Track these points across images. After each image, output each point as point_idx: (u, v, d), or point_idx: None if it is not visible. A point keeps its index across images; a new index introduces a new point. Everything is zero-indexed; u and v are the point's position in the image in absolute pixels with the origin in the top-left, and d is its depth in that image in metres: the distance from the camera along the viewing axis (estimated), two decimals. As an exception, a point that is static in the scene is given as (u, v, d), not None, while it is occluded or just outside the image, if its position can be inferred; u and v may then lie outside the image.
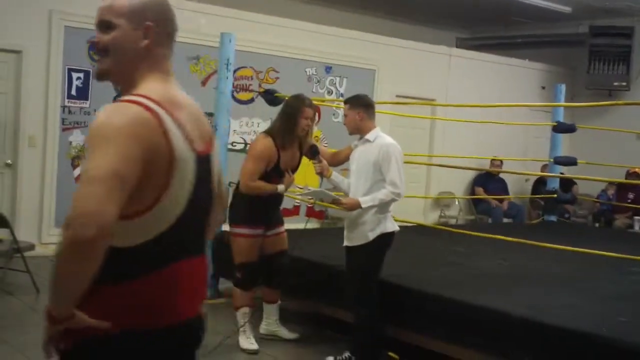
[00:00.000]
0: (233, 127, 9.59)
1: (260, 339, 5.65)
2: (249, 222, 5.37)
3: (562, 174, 10.54)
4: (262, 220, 5.43)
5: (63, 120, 8.69)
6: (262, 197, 5.33)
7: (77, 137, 8.78)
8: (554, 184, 9.97)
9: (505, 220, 11.75)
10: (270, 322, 5.76)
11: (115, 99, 2.11)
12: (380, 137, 5.05)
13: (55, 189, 8.68)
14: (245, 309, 5.49)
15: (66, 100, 8.69)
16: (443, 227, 8.24)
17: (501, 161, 11.73)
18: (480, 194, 11.95)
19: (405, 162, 8.59)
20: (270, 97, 6.65)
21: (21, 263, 6.71)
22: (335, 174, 5.22)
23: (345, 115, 5.11)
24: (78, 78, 8.75)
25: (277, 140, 5.28)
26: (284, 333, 5.78)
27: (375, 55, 11.11)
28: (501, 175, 11.96)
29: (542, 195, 10.35)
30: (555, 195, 9.91)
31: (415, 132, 11.55)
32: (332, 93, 10.76)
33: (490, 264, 6.46)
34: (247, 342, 5.45)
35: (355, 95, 5.30)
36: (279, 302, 5.82)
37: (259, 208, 5.37)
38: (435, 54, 11.94)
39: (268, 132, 5.40)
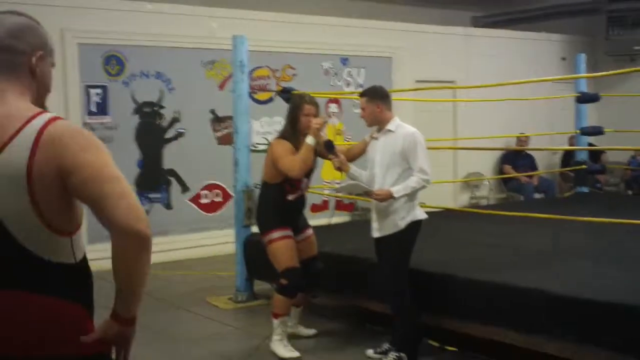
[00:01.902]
0: (255, 128, 9.59)
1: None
2: (277, 224, 5.32)
3: (590, 144, 10.41)
4: (288, 222, 5.38)
5: (86, 138, 8.71)
6: (284, 202, 5.31)
7: (100, 153, 8.80)
8: (583, 155, 9.84)
9: (537, 195, 11.63)
10: (292, 325, 5.67)
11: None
12: (402, 126, 5.03)
13: (85, 206, 8.69)
14: (285, 318, 5.41)
15: (87, 117, 8.72)
16: (470, 209, 8.15)
17: (527, 137, 11.58)
18: (509, 171, 11.83)
19: (431, 148, 8.60)
20: (287, 96, 6.61)
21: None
22: (354, 168, 5.19)
23: (362, 109, 5.07)
24: (96, 94, 8.78)
25: (291, 143, 5.26)
26: (302, 331, 5.77)
27: (390, 43, 11.02)
28: (529, 151, 11.82)
29: (572, 168, 10.22)
30: (584, 167, 9.77)
31: (438, 115, 11.46)
32: (350, 85, 10.69)
33: (525, 242, 6.37)
34: (286, 350, 5.32)
35: (371, 87, 5.25)
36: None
37: (283, 210, 5.34)
38: (451, 35, 11.84)
39: (282, 137, 5.38)
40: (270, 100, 9.92)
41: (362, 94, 5.13)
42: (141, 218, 1.97)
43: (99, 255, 8.92)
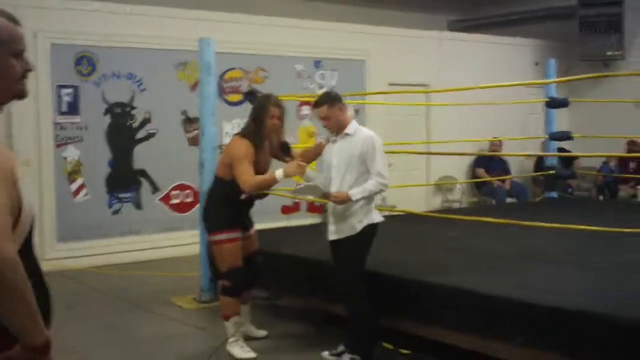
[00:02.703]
0: (226, 130, 9.65)
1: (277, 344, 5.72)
2: (228, 226, 5.33)
3: (563, 149, 10.51)
4: (238, 221, 5.40)
5: (56, 137, 8.73)
6: (236, 200, 5.29)
7: (71, 153, 8.83)
8: (553, 160, 9.93)
9: (509, 200, 11.72)
10: (243, 323, 5.67)
11: None
12: (360, 129, 5.08)
13: (55, 205, 8.73)
14: (237, 318, 5.44)
15: (57, 116, 8.74)
16: (432, 214, 8.19)
17: (500, 141, 11.67)
18: (482, 175, 11.91)
19: (403, 152, 8.68)
20: (252, 98, 6.65)
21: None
22: (309, 171, 5.22)
23: (325, 118, 5.01)
24: (67, 94, 8.80)
25: (251, 141, 5.25)
26: (254, 331, 5.79)
27: (364, 46, 11.09)
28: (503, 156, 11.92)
29: (542, 173, 10.32)
30: (553, 172, 9.87)
31: (410, 119, 11.54)
32: (322, 87, 10.73)
33: (486, 247, 6.44)
34: (243, 351, 5.35)
35: (325, 93, 5.27)
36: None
37: (234, 211, 5.35)
38: (424, 39, 11.91)
39: (242, 134, 5.38)
40: (242, 102, 9.94)
41: (319, 103, 5.05)
42: None
43: (67, 254, 9.01)
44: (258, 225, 5.88)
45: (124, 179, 9.23)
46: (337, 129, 5.07)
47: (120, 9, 9.10)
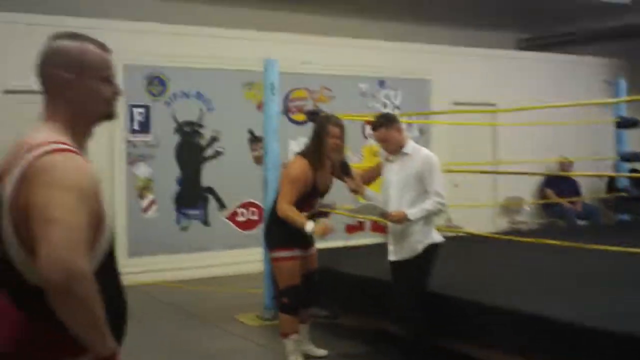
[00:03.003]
0: (292, 148, 9.75)
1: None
2: (287, 244, 5.39)
3: (635, 170, 10.27)
4: (297, 240, 5.41)
5: (128, 155, 9.01)
6: None
7: (142, 170, 9.08)
8: (625, 182, 9.71)
9: (580, 222, 11.45)
10: (302, 342, 5.74)
11: None
12: (417, 149, 5.10)
13: (126, 221, 8.98)
14: (295, 336, 5.51)
15: (130, 135, 9.02)
16: (496, 235, 8.11)
17: (571, 161, 11.46)
18: (551, 196, 11.70)
19: (469, 172, 8.63)
20: (314, 118, 6.74)
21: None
22: (369, 190, 5.27)
23: (383, 140, 5.05)
24: (139, 113, 9.07)
25: (310, 161, 5.34)
26: (314, 350, 5.81)
27: (429, 65, 11.10)
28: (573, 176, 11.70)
29: (613, 195, 10.09)
30: (625, 194, 9.66)
31: (476, 138, 11.45)
32: (387, 107, 10.79)
33: (552, 269, 6.32)
34: None
35: (382, 115, 5.30)
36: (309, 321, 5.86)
37: (293, 229, 5.33)
38: (491, 57, 11.84)
39: (302, 154, 5.47)
40: (307, 121, 10.07)
41: (377, 126, 5.08)
42: (50, 263, 1.86)
43: (137, 269, 9.26)
44: (322, 244, 5.97)
45: (192, 196, 9.45)
46: (395, 149, 5.09)
47: (189, 31, 9.36)
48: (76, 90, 2.11)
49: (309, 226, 5.16)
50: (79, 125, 2.15)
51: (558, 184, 11.83)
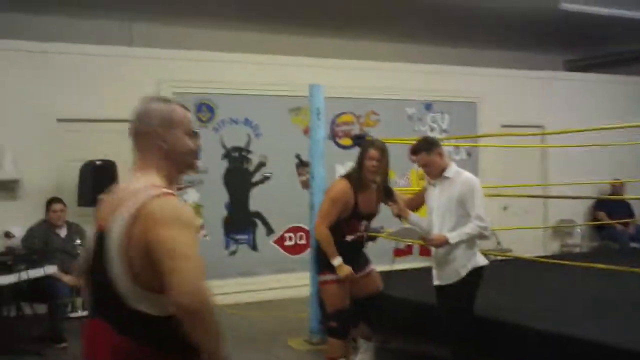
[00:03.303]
0: (339, 172, 9.81)
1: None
2: (332, 267, 5.39)
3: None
4: (345, 262, 5.36)
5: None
6: (342, 241, 5.39)
7: (191, 196, 9.23)
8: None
9: (633, 244, 11.24)
10: (365, 358, 5.76)
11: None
12: (459, 172, 5.09)
13: (175, 246, 9.10)
14: None
15: (179, 161, 9.17)
16: (545, 259, 8.04)
17: (622, 183, 11.31)
18: (603, 218, 11.51)
19: (518, 196, 8.57)
20: (360, 142, 6.85)
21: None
22: (413, 215, 5.28)
23: (425, 165, 5.07)
24: (189, 139, 9.22)
25: (352, 183, 5.39)
26: None
27: (476, 88, 11.10)
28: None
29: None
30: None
31: (525, 160, 11.38)
32: (434, 130, 10.81)
33: (604, 294, 6.24)
34: None
35: (423, 140, 5.23)
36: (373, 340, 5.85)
37: (340, 250, 5.34)
38: (538, 79, 11.79)
39: (345, 176, 5.53)
40: (354, 145, 10.16)
41: (417, 151, 5.09)
42: (185, 292, 2.18)
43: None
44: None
45: (241, 221, 9.57)
46: (437, 174, 5.09)
47: (236, 58, 9.53)
48: (168, 142, 2.47)
49: (336, 261, 5.25)
50: (170, 173, 2.48)
51: (610, 206, 11.65)
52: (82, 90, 8.66)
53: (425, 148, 5.07)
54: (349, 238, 5.44)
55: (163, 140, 2.46)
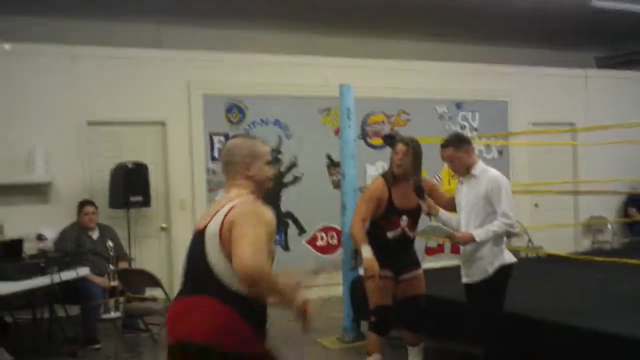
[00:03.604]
0: (370, 172, 9.82)
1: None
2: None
3: None
4: (387, 263, 5.42)
5: (208, 182, 9.21)
6: (385, 239, 5.45)
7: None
8: None
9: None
10: None
11: None
12: (486, 170, 5.05)
13: (207, 247, 9.13)
14: (378, 356, 5.55)
15: (210, 162, 9.22)
16: (575, 256, 7.96)
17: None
18: (635, 214, 11.43)
19: (549, 192, 8.50)
20: (393, 141, 6.79)
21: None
22: (443, 212, 5.26)
23: (450, 160, 5.07)
24: (219, 141, 9.27)
25: (385, 179, 5.50)
26: None
27: (506, 86, 11.05)
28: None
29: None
30: None
31: (555, 158, 11.29)
32: (465, 129, 10.75)
33: (631, 290, 6.17)
34: None
35: (453, 135, 5.31)
36: (421, 344, 5.80)
37: (380, 250, 5.38)
38: (569, 77, 11.69)
39: (381, 174, 5.65)
40: (384, 145, 10.12)
41: (446, 145, 5.09)
42: (245, 264, 2.90)
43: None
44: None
45: (272, 222, 9.55)
46: (462, 171, 5.08)
47: (267, 59, 9.55)
48: (253, 168, 3.29)
49: (365, 251, 5.30)
50: (254, 191, 3.28)
51: (642, 202, 11.55)
52: (112, 93, 8.72)
53: (453, 144, 5.07)
54: (390, 235, 5.48)
55: (248, 169, 3.27)
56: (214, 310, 3.07)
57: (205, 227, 3.14)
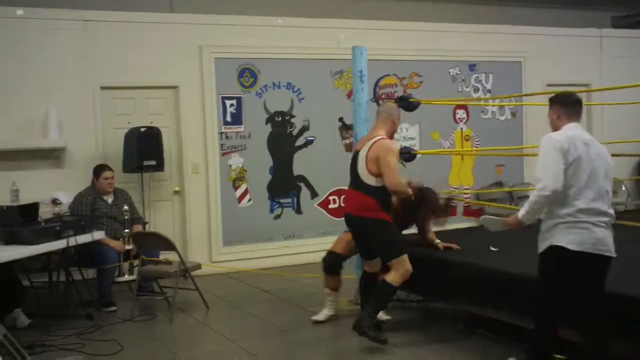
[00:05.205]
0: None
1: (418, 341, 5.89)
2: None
3: None
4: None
5: (221, 146, 9.22)
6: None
7: (235, 161, 9.29)
8: None
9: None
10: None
11: None
12: (556, 132, 4.46)
13: (221, 210, 9.21)
14: (327, 290, 6.74)
15: (223, 126, 9.23)
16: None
17: (669, 140, 11.11)
18: (649, 177, 11.40)
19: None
20: (405, 104, 6.78)
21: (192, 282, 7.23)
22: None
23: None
24: (231, 105, 9.27)
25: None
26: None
27: (520, 47, 10.94)
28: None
29: None
30: None
31: (570, 120, 11.20)
32: (478, 90, 10.69)
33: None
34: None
35: (561, 92, 4.78)
36: None
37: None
38: (584, 37, 11.56)
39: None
40: (398, 107, 10.07)
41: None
42: (394, 183, 5.62)
43: (232, 257, 9.48)
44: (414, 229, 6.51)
45: (285, 185, 9.61)
46: (552, 130, 4.54)
47: (278, 22, 9.50)
48: (390, 121, 5.95)
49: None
50: (389, 133, 5.87)
51: (656, 164, 11.49)
52: (124, 57, 8.72)
53: (551, 99, 4.64)
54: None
55: (390, 120, 5.95)
56: (359, 197, 5.77)
57: (360, 150, 5.78)
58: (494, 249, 6.24)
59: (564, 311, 4.43)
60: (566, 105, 4.54)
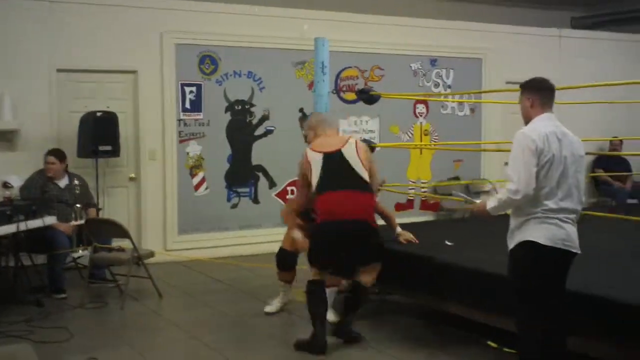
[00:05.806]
0: (343, 127, 9.80)
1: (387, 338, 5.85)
2: None
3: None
4: None
5: (179, 133, 9.12)
6: None
7: (193, 148, 9.19)
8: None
9: (630, 201, 11.32)
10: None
11: None
12: (530, 125, 4.31)
13: (177, 198, 9.12)
14: (281, 283, 6.68)
15: (181, 113, 9.12)
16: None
17: (621, 141, 11.31)
18: (601, 175, 11.56)
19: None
20: (366, 96, 6.78)
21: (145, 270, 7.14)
22: None
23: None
24: (191, 92, 9.17)
25: None
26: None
27: (481, 44, 11.01)
28: (625, 156, 11.52)
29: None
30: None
31: (528, 117, 11.31)
32: (438, 86, 10.74)
33: (598, 246, 6.22)
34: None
35: (532, 78, 4.50)
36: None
37: None
38: (544, 36, 11.67)
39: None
40: (358, 100, 10.07)
41: (520, 85, 4.47)
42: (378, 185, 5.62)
43: (187, 245, 9.40)
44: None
45: (242, 174, 9.55)
46: (523, 119, 4.41)
47: (241, 10, 9.41)
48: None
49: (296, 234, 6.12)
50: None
51: (608, 163, 11.65)
52: (83, 40, 8.56)
53: (522, 85, 4.45)
54: None
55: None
56: (361, 197, 5.45)
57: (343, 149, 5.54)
58: (449, 243, 6.27)
59: (543, 308, 4.29)
60: (540, 90, 4.36)
